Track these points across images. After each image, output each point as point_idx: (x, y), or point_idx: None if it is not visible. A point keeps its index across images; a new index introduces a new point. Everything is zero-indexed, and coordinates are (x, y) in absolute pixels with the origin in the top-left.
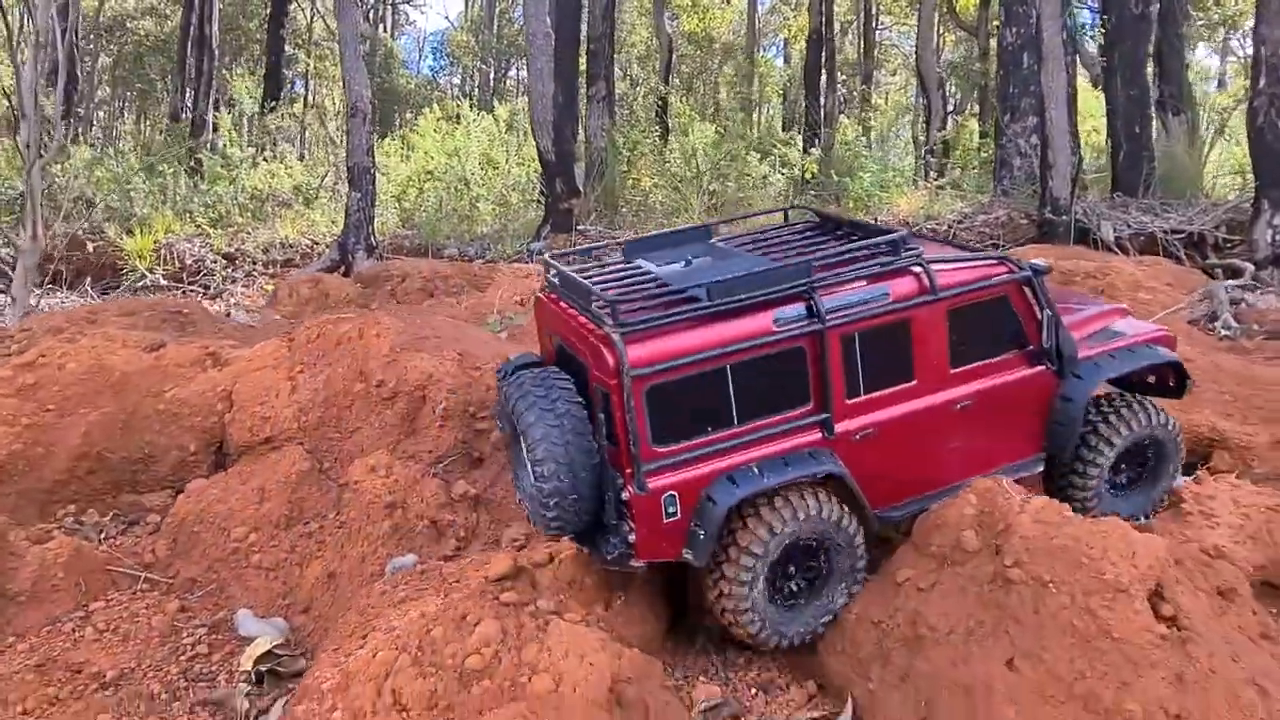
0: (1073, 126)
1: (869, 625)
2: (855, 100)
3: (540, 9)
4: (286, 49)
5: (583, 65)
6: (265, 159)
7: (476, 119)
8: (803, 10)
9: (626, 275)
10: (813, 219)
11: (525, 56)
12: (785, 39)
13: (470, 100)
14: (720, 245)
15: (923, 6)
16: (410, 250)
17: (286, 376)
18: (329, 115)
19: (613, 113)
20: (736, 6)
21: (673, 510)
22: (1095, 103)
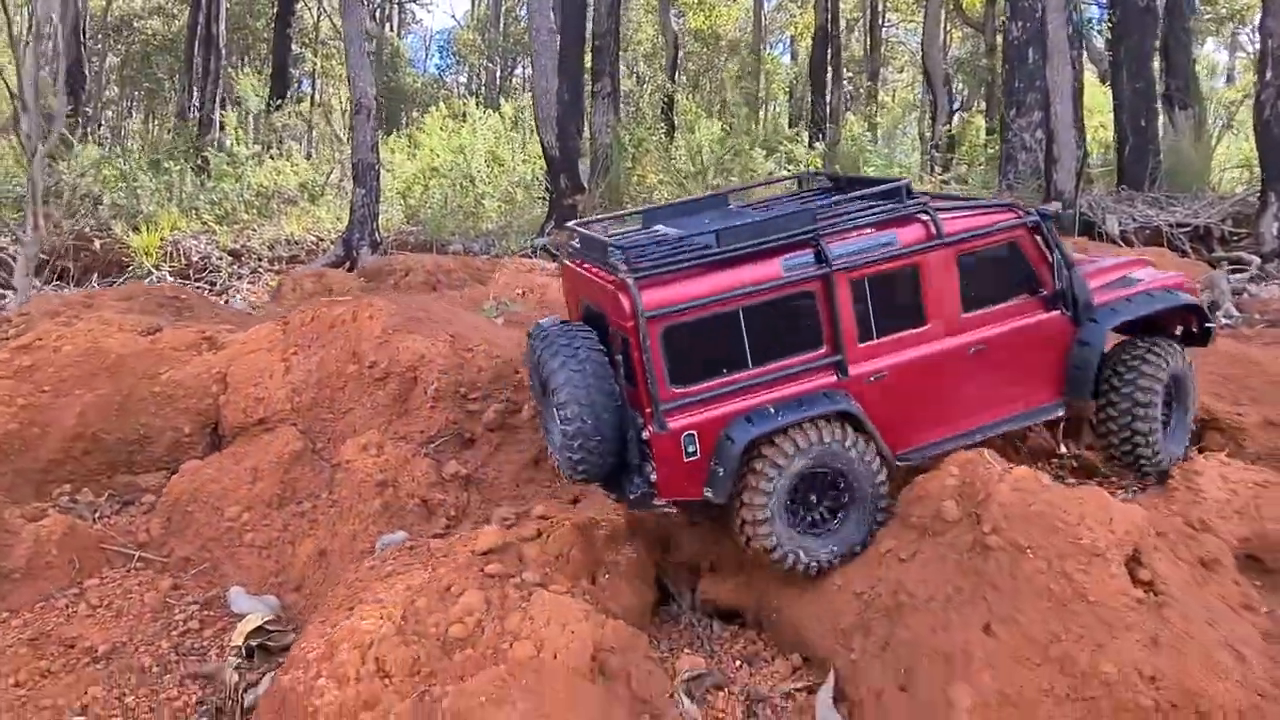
0: (1078, 121)
1: (851, 596)
2: (862, 97)
3: (544, 6)
4: (293, 48)
5: (588, 62)
6: (272, 157)
7: (483, 117)
8: (809, 7)
9: (649, 238)
10: (826, 184)
11: (530, 54)
12: (791, 36)
13: (476, 98)
14: (736, 210)
15: (929, 3)
16: (415, 246)
17: (280, 358)
18: (335, 113)
19: (618, 109)
20: (743, 3)
21: (692, 450)
22: (1103, 98)
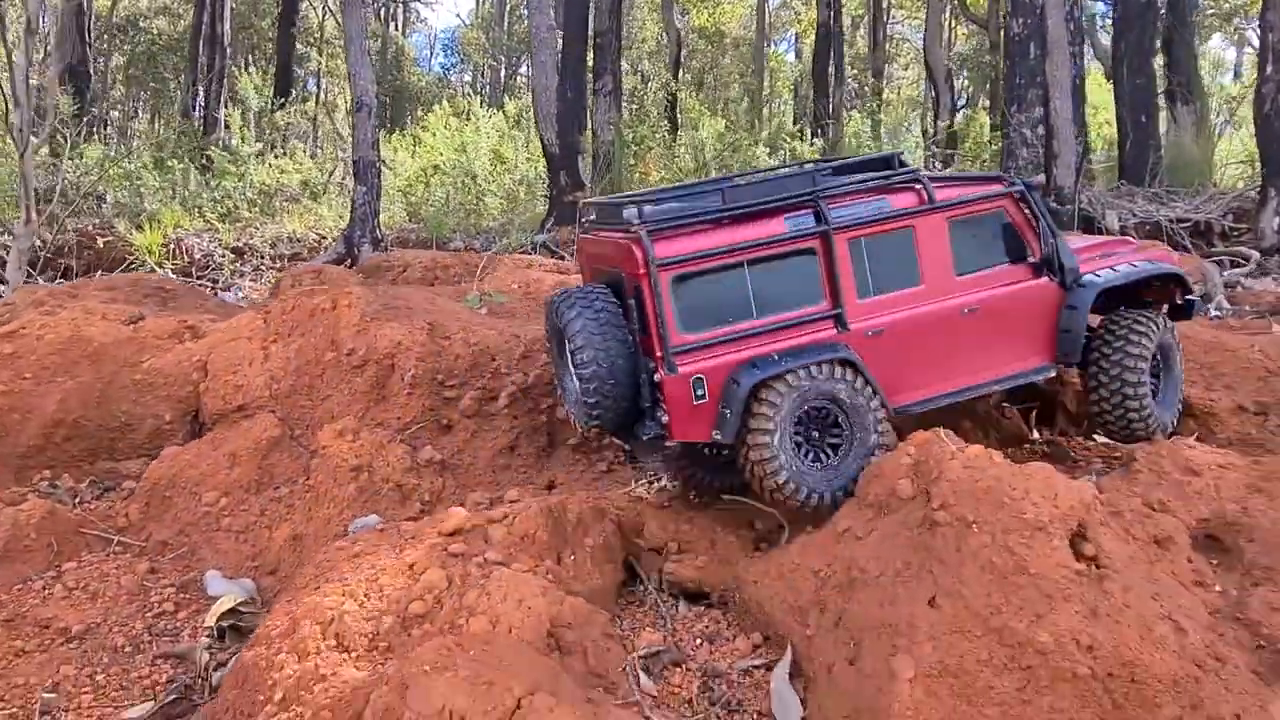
0: (1079, 117)
1: (809, 574)
2: (866, 94)
3: (544, 4)
4: (299, 47)
5: (590, 60)
6: (276, 156)
7: (487, 115)
8: (813, 4)
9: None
10: (826, 169)
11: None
12: (796, 33)
13: (480, 97)
14: (736, 186)
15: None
16: (416, 244)
17: (260, 346)
18: (339, 111)
19: (619, 107)
20: (747, 1)
21: (701, 393)
22: (1108, 94)
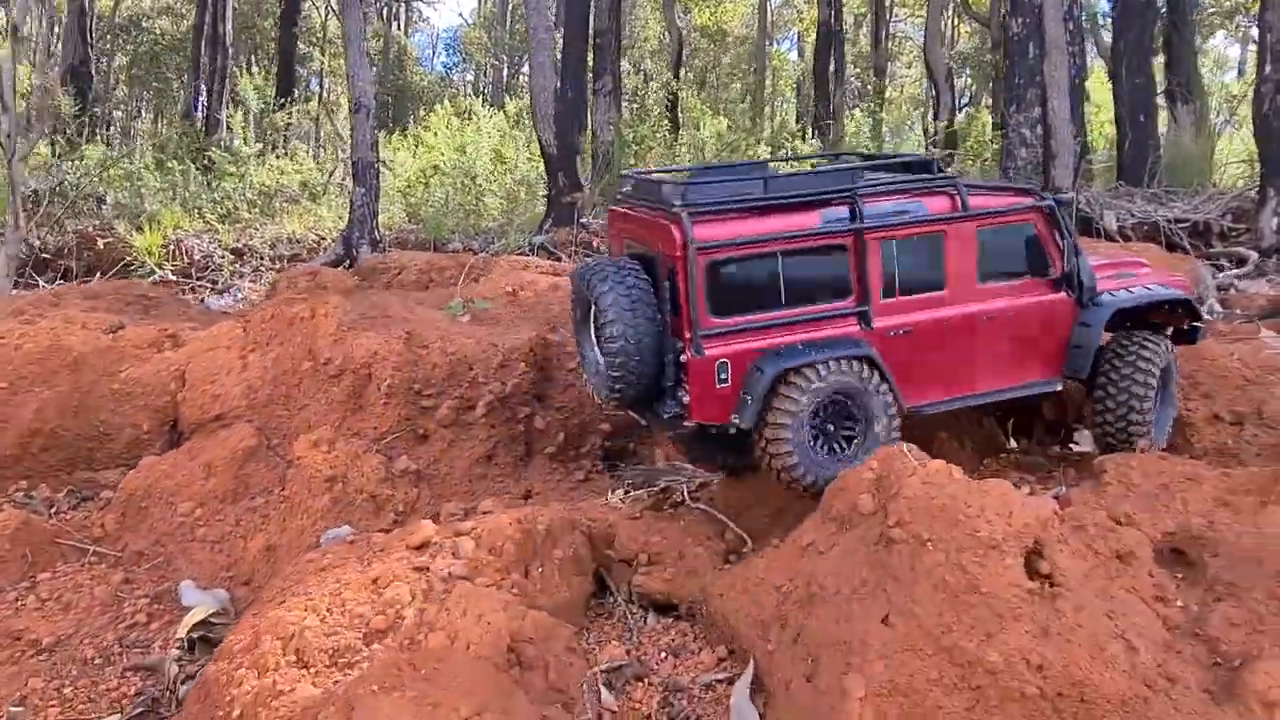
0: (1077, 117)
1: (772, 589)
2: (869, 93)
3: (542, 4)
4: (301, 47)
5: (590, 59)
6: (278, 156)
7: (489, 115)
8: (815, 2)
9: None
10: (859, 161)
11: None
12: (799, 32)
13: (482, 97)
14: (778, 175)
15: None
16: (415, 244)
17: (238, 356)
18: (341, 111)
19: (619, 107)
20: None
21: (724, 377)
22: (1110, 94)
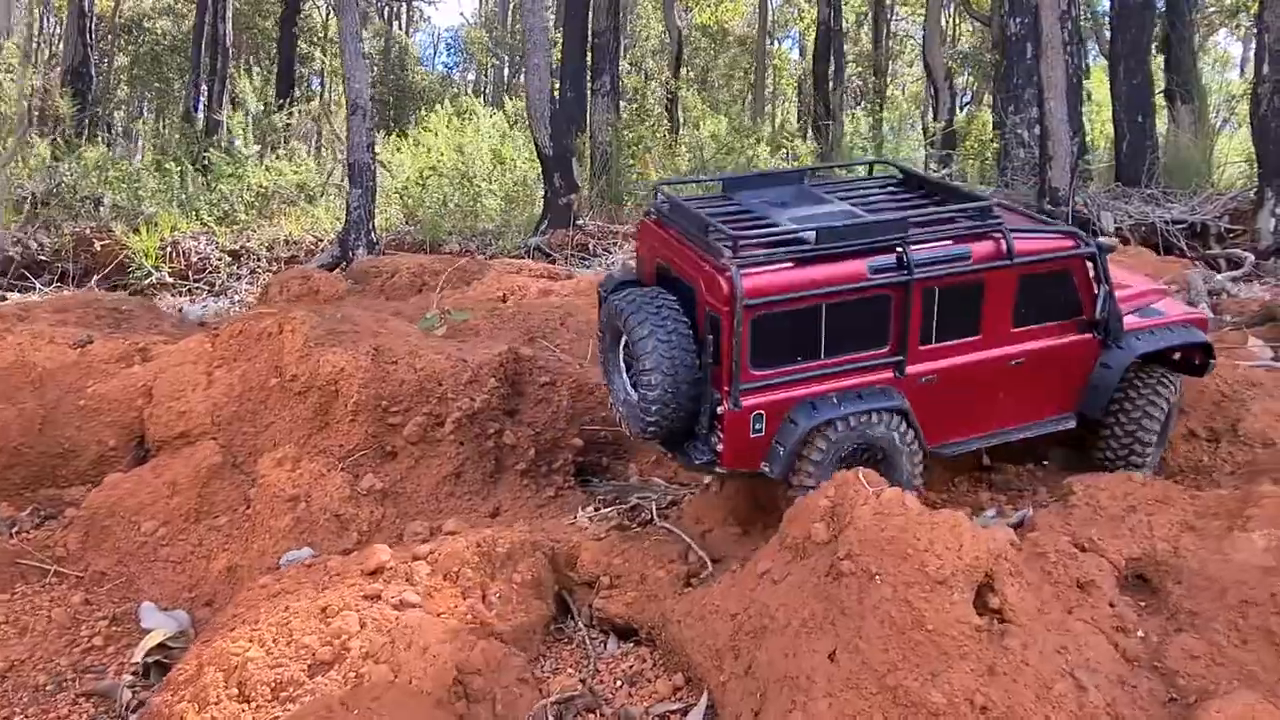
0: (1075, 117)
1: (727, 617)
2: (870, 92)
3: (537, 4)
4: (302, 46)
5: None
6: (278, 157)
7: (488, 115)
8: (815, 1)
9: (734, 211)
10: (895, 174)
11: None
12: (799, 31)
13: (482, 96)
14: (813, 190)
15: None
16: (412, 245)
17: (204, 371)
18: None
19: (618, 107)
20: None
21: (759, 427)
22: None
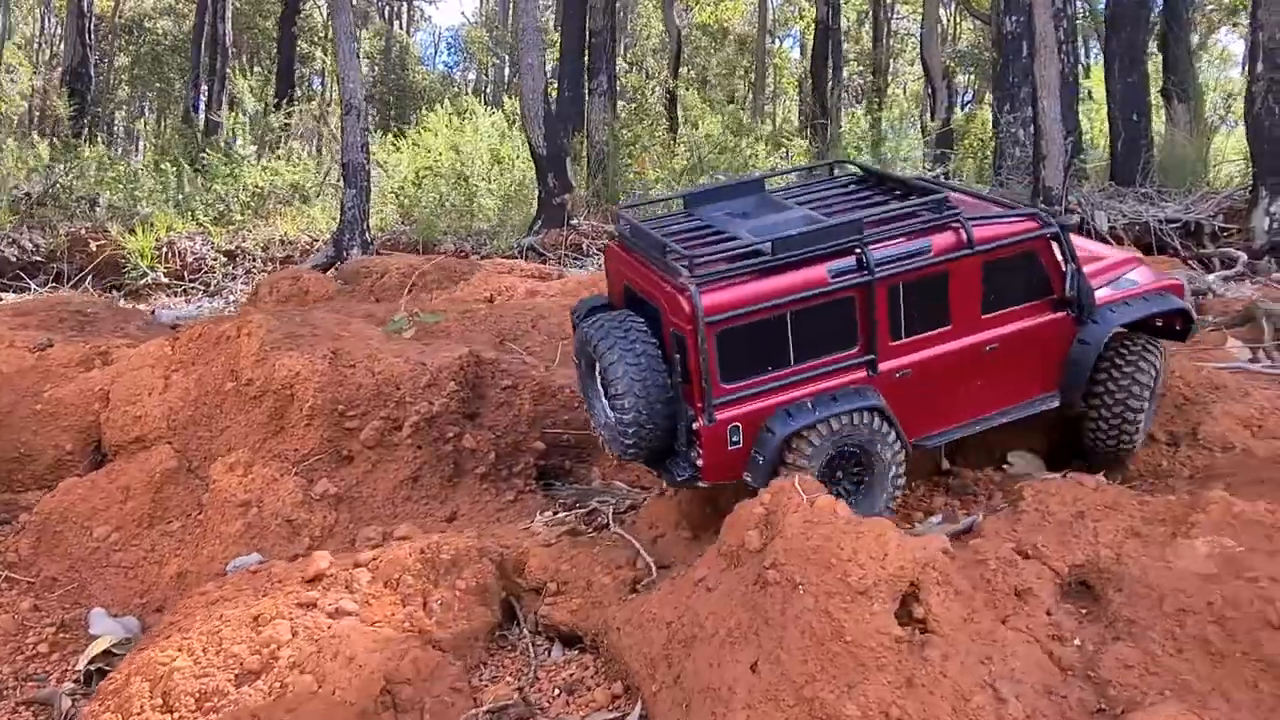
0: (1071, 116)
1: (663, 625)
2: (870, 90)
3: (532, 5)
4: (303, 47)
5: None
6: (278, 157)
7: (488, 114)
8: (814, 1)
9: (694, 228)
10: (856, 173)
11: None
12: (800, 30)
13: (481, 96)
14: (774, 197)
15: None
16: (407, 245)
17: (161, 375)
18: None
19: (614, 107)
20: None
21: (736, 439)
22: None
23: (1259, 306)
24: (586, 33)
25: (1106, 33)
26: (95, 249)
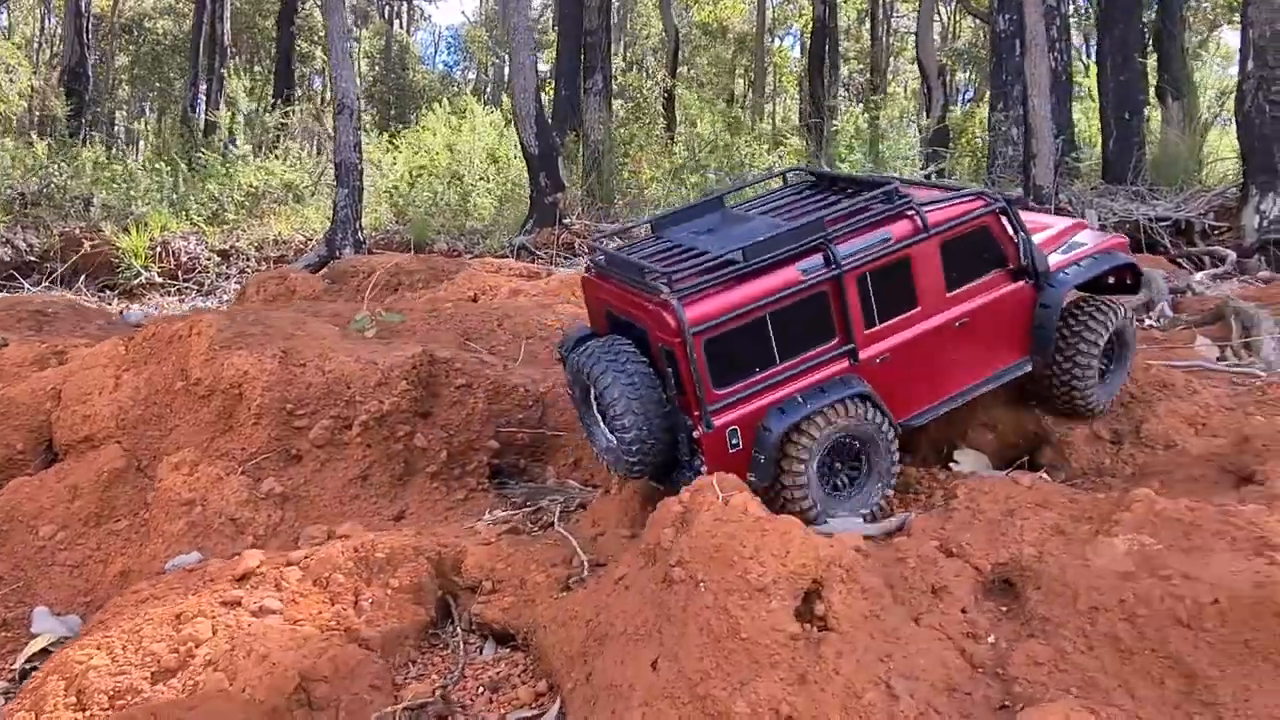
0: (1064, 114)
1: (583, 623)
2: (868, 89)
3: (523, 3)
4: (303, 46)
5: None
6: (276, 156)
7: (486, 113)
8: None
9: (665, 249)
10: (808, 178)
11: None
12: (799, 28)
13: (483, 95)
14: (734, 212)
15: None
16: (401, 245)
17: (113, 374)
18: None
19: (610, 106)
20: None
21: (735, 442)
22: None
23: (1228, 304)
24: (583, 33)
25: (1099, 31)
26: (90, 249)
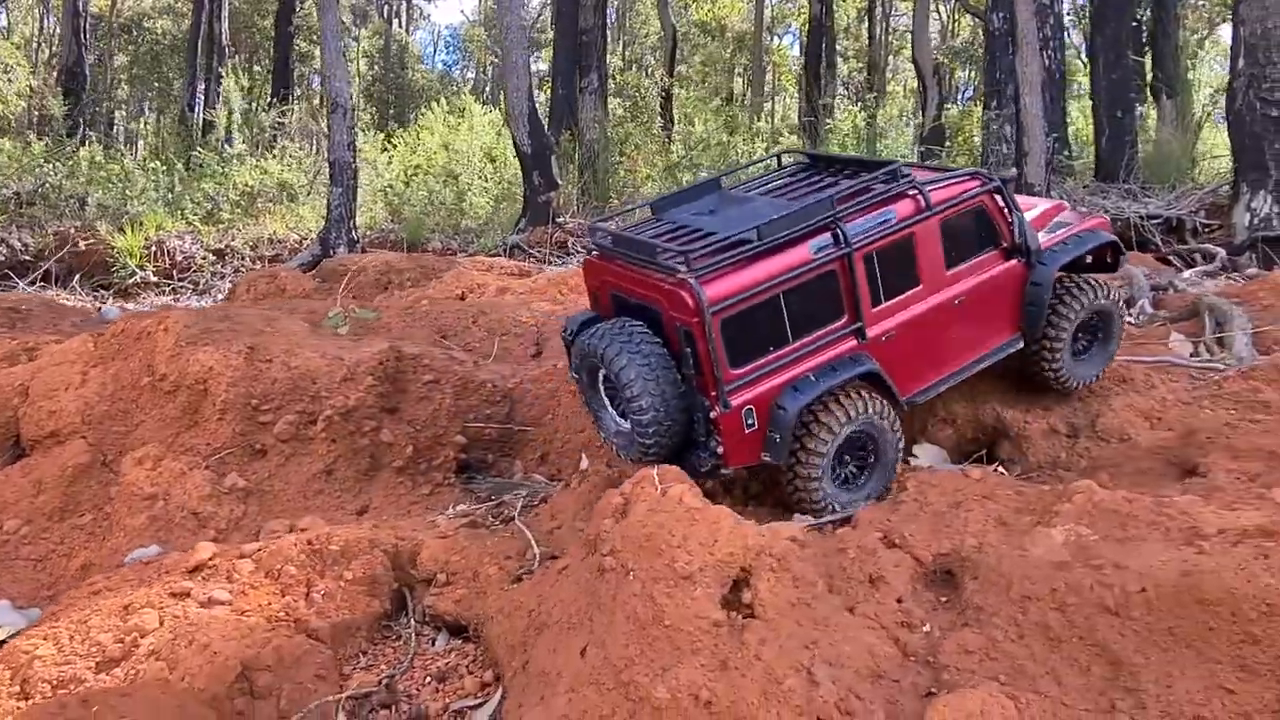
0: (1056, 112)
1: (525, 613)
2: (865, 87)
3: (516, 3)
4: (302, 45)
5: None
6: (274, 156)
7: (484, 113)
8: None
9: (671, 229)
10: (803, 160)
11: (500, 49)
12: (798, 27)
13: (480, 94)
14: (732, 193)
15: None
16: (395, 244)
17: (80, 370)
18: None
19: (605, 105)
20: None
21: (751, 422)
22: None
23: (1203, 301)
24: (580, 32)
25: (1092, 29)
26: (85, 248)
